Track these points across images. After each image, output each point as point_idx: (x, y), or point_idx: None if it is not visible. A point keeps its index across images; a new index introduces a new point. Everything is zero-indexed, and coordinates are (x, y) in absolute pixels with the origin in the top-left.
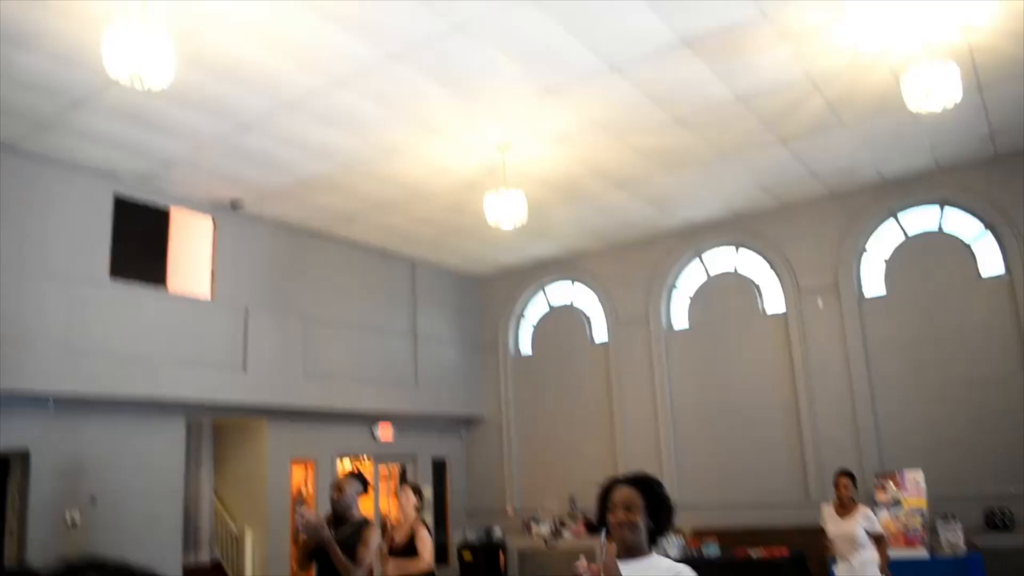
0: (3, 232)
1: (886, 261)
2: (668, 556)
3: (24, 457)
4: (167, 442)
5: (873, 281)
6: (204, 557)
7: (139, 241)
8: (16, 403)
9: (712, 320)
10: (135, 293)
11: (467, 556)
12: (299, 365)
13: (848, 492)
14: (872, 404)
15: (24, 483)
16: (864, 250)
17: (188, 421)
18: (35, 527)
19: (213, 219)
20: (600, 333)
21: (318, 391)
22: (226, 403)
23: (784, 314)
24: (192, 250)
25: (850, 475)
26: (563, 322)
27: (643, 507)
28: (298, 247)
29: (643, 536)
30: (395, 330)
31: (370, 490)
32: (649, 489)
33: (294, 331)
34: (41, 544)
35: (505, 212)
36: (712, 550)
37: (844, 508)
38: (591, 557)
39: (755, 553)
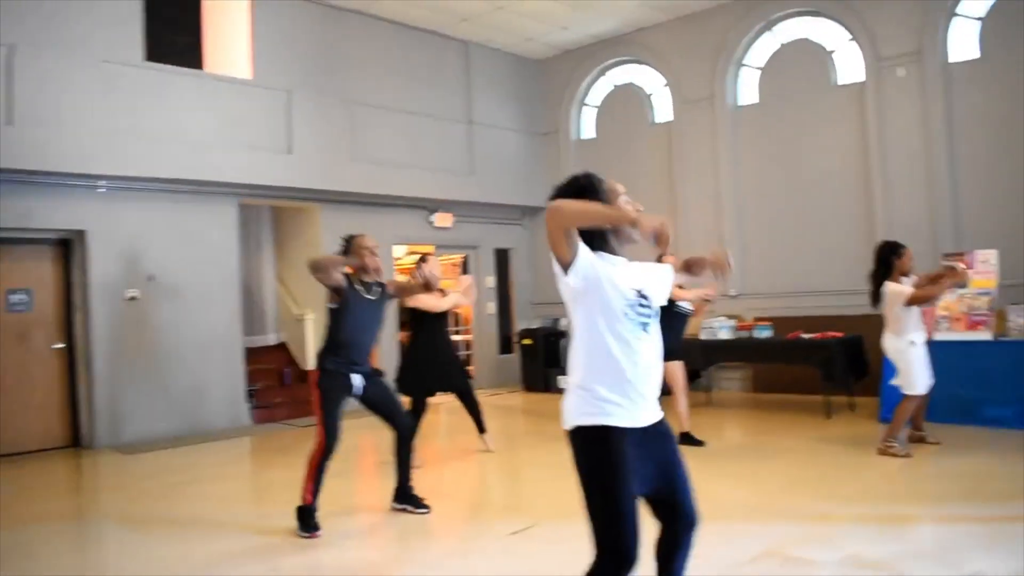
0: (33, 13)
1: (981, 20)
2: None
3: (81, 237)
4: (220, 224)
5: (964, 45)
6: (270, 338)
7: (172, 23)
8: (68, 186)
9: (781, 94)
10: (173, 76)
11: (527, 342)
12: (345, 149)
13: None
14: (952, 182)
15: (84, 262)
16: (954, 12)
17: (240, 204)
18: (98, 303)
19: None
20: (663, 113)
21: (367, 176)
22: (272, 186)
23: (861, 85)
24: (228, 31)
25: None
26: (625, 103)
27: None
28: (341, 27)
29: None
30: (449, 116)
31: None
32: None
33: (339, 115)
34: (105, 318)
35: None
36: (764, 331)
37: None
38: None
39: (808, 335)
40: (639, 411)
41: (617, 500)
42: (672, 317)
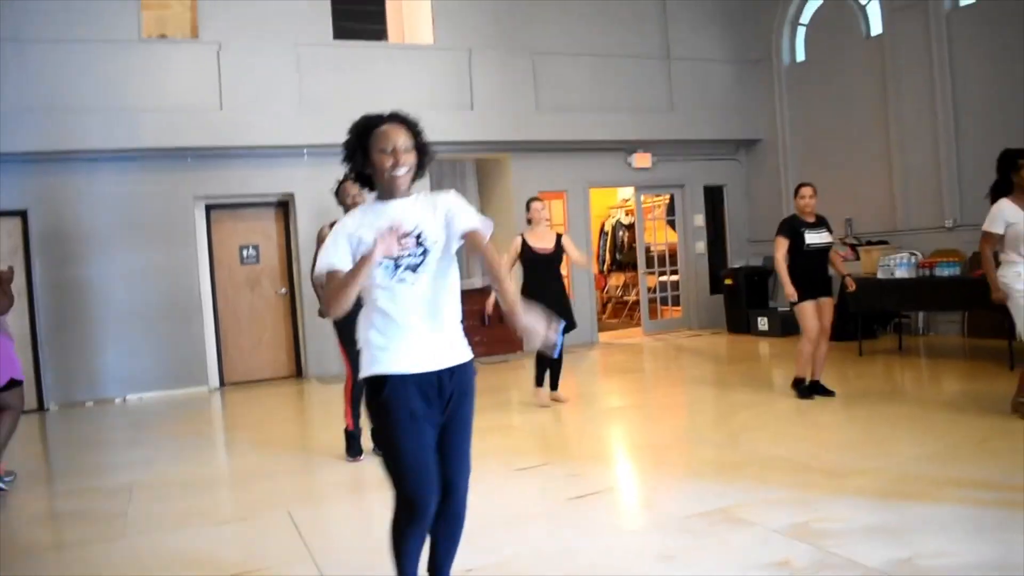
0: (230, 10)
1: None
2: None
3: (292, 198)
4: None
5: None
6: (475, 281)
7: (357, 2)
8: (277, 156)
9: None
10: (359, 49)
11: (728, 282)
12: (530, 100)
13: None
14: None
15: (296, 220)
16: None
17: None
18: (306, 254)
19: None
20: (876, 24)
21: (553, 124)
22: (454, 141)
23: None
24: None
25: None
26: (836, 17)
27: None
28: None
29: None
30: (643, 53)
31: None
32: (415, 128)
33: (521, 66)
34: (310, 267)
35: None
36: (947, 269)
37: None
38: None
39: None
40: (412, 352)
41: (400, 450)
42: (802, 255)
